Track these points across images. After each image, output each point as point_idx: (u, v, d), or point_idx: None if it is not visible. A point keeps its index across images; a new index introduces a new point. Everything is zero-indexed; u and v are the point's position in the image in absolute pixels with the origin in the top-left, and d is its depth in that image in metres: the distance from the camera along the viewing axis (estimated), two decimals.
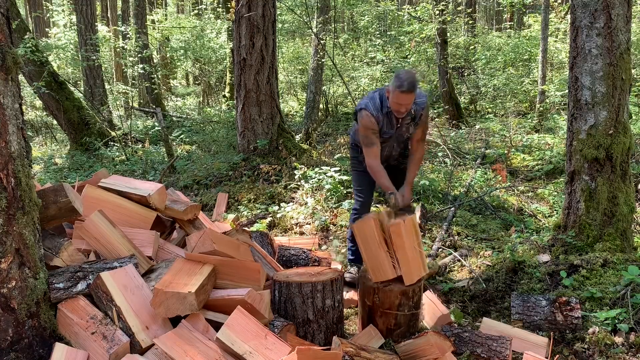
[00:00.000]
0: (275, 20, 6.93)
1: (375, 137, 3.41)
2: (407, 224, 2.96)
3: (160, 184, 3.21)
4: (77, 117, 9.66)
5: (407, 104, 3.26)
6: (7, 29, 2.27)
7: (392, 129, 3.45)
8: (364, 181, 3.72)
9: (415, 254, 2.99)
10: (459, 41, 14.57)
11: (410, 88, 3.18)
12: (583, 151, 3.83)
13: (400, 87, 3.17)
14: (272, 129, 6.80)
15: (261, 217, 5.43)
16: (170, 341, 2.27)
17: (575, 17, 3.83)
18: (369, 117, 3.36)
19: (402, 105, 3.25)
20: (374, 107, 3.37)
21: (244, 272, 2.69)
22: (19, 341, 2.26)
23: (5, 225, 2.21)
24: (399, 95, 3.20)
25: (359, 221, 3.14)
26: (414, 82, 3.20)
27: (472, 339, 2.83)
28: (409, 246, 2.96)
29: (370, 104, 3.38)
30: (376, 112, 3.36)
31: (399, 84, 3.18)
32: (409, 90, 3.18)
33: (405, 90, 3.17)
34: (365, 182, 3.72)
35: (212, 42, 15.73)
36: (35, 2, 16.39)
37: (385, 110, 3.37)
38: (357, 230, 3.07)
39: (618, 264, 3.49)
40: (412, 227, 2.99)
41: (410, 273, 3.00)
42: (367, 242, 3.04)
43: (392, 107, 3.30)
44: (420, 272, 3.04)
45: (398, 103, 3.25)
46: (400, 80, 3.18)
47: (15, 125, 2.27)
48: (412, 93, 3.20)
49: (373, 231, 3.01)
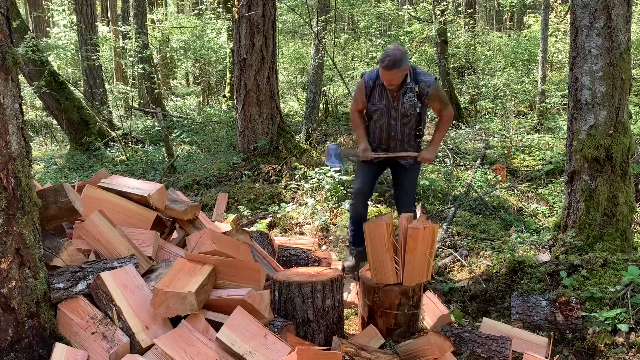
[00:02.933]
0: (275, 20, 6.93)
1: (360, 99, 3.57)
2: (426, 232, 2.97)
3: (160, 184, 3.21)
4: (77, 117, 9.66)
5: (390, 80, 3.35)
6: (7, 29, 2.27)
7: (382, 102, 3.52)
8: (364, 168, 3.72)
9: (424, 261, 2.99)
10: (459, 41, 14.56)
11: (391, 65, 3.25)
12: (583, 151, 3.83)
13: (382, 62, 3.29)
14: (272, 129, 6.80)
15: (261, 217, 5.43)
16: (170, 341, 2.27)
17: (575, 17, 3.83)
18: (361, 81, 3.56)
19: (386, 80, 3.36)
20: (369, 75, 3.54)
21: (244, 272, 2.69)
22: (19, 341, 2.26)
23: (5, 225, 2.21)
24: (381, 71, 3.33)
25: (372, 221, 3.14)
26: (397, 59, 3.26)
27: (472, 339, 2.83)
28: (421, 252, 2.97)
29: (369, 72, 3.57)
30: (368, 78, 3.52)
31: (381, 59, 3.31)
32: (389, 67, 3.26)
33: (385, 65, 3.27)
34: (365, 169, 3.72)
35: (212, 42, 15.72)
36: (36, 2, 16.38)
37: (379, 81, 3.47)
38: (367, 230, 3.07)
39: (618, 264, 3.49)
40: (430, 235, 3.00)
41: (412, 276, 3.01)
42: (374, 243, 3.05)
43: (382, 80, 3.41)
44: (422, 278, 3.04)
45: (383, 77, 3.36)
46: (384, 55, 3.30)
47: (15, 125, 2.27)
48: (393, 70, 3.28)
49: (383, 234, 3.01)
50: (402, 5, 18.28)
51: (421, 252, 2.97)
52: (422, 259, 2.98)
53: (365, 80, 3.53)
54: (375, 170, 3.78)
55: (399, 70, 3.31)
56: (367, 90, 3.53)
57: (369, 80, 3.51)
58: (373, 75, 3.51)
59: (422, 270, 3.01)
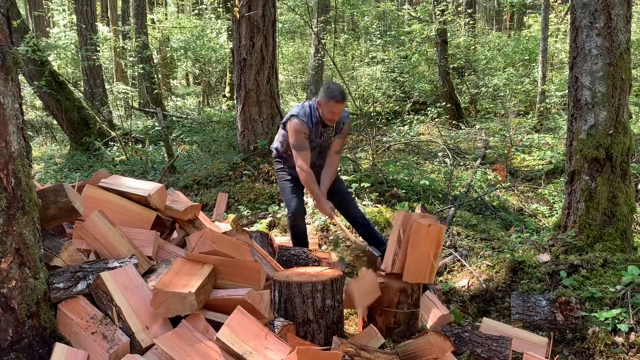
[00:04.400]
0: (276, 20, 6.93)
1: (307, 142, 3.65)
2: (431, 230, 2.98)
3: (160, 184, 3.21)
4: (77, 117, 9.66)
5: (339, 113, 3.58)
6: (7, 29, 2.27)
7: (318, 138, 3.72)
8: (292, 189, 3.87)
9: (427, 261, 3.00)
10: (459, 41, 14.57)
11: (343, 97, 3.52)
12: (583, 151, 3.83)
13: (334, 97, 3.50)
14: (272, 129, 6.79)
15: (261, 217, 5.43)
16: (170, 341, 2.27)
17: (575, 17, 3.83)
18: (302, 123, 3.62)
19: (335, 114, 3.57)
20: (305, 115, 3.64)
21: (244, 272, 2.69)
22: (19, 341, 2.26)
23: (5, 225, 2.21)
24: (334, 105, 3.52)
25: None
26: (345, 92, 3.56)
27: (472, 339, 2.83)
28: (423, 250, 2.98)
29: (301, 112, 3.66)
30: (306, 119, 3.63)
31: (332, 95, 3.50)
32: (342, 100, 3.52)
33: (339, 100, 3.51)
34: (293, 190, 3.88)
35: (212, 42, 15.72)
36: (36, 2, 16.37)
37: (314, 119, 3.64)
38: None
39: (618, 264, 3.49)
40: (435, 234, 3.01)
41: (411, 273, 3.01)
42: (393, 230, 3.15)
43: (326, 117, 3.59)
44: (423, 279, 3.05)
45: (332, 112, 3.54)
46: (333, 92, 3.51)
47: (15, 125, 2.27)
48: (344, 101, 3.53)
49: (397, 223, 3.12)
50: (401, 5, 18.29)
51: (424, 251, 2.97)
52: (424, 258, 2.98)
53: (305, 121, 3.62)
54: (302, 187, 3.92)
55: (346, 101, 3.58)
56: (310, 131, 3.65)
57: (308, 121, 3.63)
58: (308, 114, 3.64)
59: (425, 270, 3.01)
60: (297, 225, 3.89)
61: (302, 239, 3.96)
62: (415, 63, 13.52)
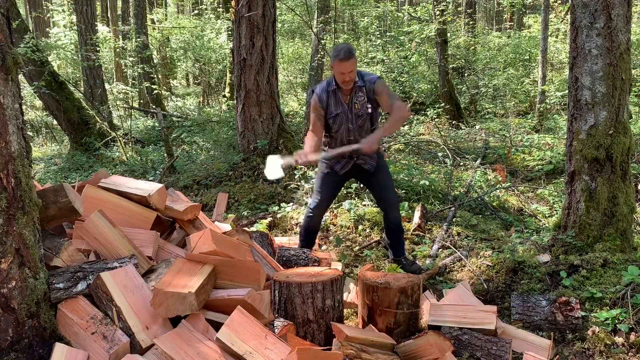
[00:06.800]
0: (275, 20, 6.92)
1: (318, 120, 3.59)
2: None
3: (160, 184, 3.21)
4: (77, 117, 9.66)
5: (349, 72, 3.44)
6: (7, 29, 2.27)
7: (340, 107, 3.59)
8: (324, 182, 3.83)
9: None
10: (459, 41, 14.57)
11: (347, 55, 3.38)
12: (583, 151, 3.83)
13: (337, 56, 3.41)
14: (272, 129, 6.79)
15: (261, 217, 5.43)
16: (170, 341, 2.27)
17: (575, 17, 3.83)
18: (314, 97, 3.58)
19: (344, 74, 3.44)
20: (320, 88, 3.59)
21: (244, 272, 2.69)
22: (19, 341, 2.26)
23: (6, 225, 2.21)
24: (339, 64, 3.40)
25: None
26: (350, 49, 3.41)
27: (472, 341, 2.81)
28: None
29: (318, 86, 3.62)
30: (321, 91, 3.56)
31: (336, 54, 3.42)
32: (347, 57, 3.39)
33: (343, 57, 3.39)
34: (325, 183, 3.83)
35: (212, 42, 15.72)
36: (35, 2, 16.38)
37: (331, 88, 3.56)
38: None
39: (618, 264, 3.49)
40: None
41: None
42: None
43: (338, 79, 3.49)
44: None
45: (341, 72, 3.43)
46: (337, 50, 3.43)
47: (15, 125, 2.27)
48: (350, 59, 3.40)
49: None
50: (401, 6, 18.29)
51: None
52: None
53: (318, 94, 3.57)
54: (339, 183, 3.89)
55: (354, 60, 3.45)
56: (323, 103, 3.58)
57: (322, 93, 3.57)
58: (324, 86, 3.59)
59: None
60: (312, 220, 3.87)
61: (312, 236, 3.94)
62: (415, 63, 13.52)
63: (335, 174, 3.80)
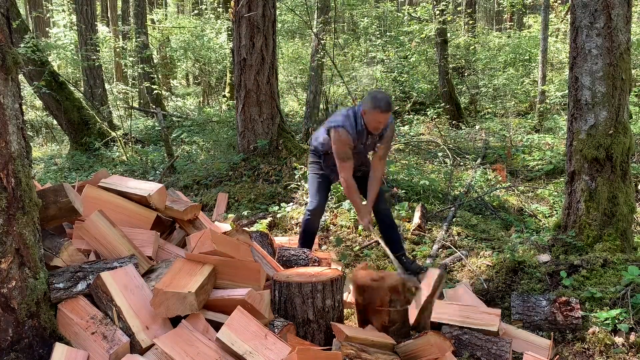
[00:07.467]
0: (275, 20, 6.92)
1: (350, 152, 3.67)
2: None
3: (160, 184, 3.21)
4: (77, 117, 9.66)
5: (385, 122, 3.58)
6: (7, 29, 2.27)
7: (362, 145, 3.73)
8: (321, 186, 3.94)
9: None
10: (459, 41, 14.56)
11: (388, 108, 3.51)
12: (583, 151, 3.83)
13: (379, 107, 3.49)
14: (272, 129, 6.79)
15: (261, 217, 5.43)
16: (170, 341, 2.27)
17: (575, 17, 3.83)
18: (347, 135, 3.61)
19: (381, 123, 3.57)
20: (350, 126, 3.62)
21: (244, 272, 2.69)
22: (19, 341, 2.26)
23: (6, 225, 2.21)
24: (379, 115, 3.50)
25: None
26: (390, 101, 3.55)
27: (472, 341, 2.81)
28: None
29: (347, 123, 3.63)
30: (352, 130, 3.62)
31: (377, 105, 3.49)
32: (387, 110, 3.50)
33: (384, 110, 3.51)
34: (321, 187, 3.95)
35: (212, 42, 15.71)
36: (35, 2, 16.37)
37: (359, 128, 3.64)
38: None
39: (618, 264, 3.49)
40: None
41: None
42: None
43: (371, 125, 3.59)
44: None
45: (378, 121, 3.54)
46: (378, 101, 3.50)
47: (15, 125, 2.27)
48: (389, 112, 3.54)
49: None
50: (401, 6, 18.29)
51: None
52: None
53: (350, 133, 3.61)
54: (331, 182, 4.00)
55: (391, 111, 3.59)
56: (354, 142, 3.65)
57: (353, 132, 3.62)
58: (353, 124, 3.62)
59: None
60: (312, 222, 3.95)
61: (311, 238, 4.01)
62: (415, 63, 13.52)
63: (328, 178, 3.94)
